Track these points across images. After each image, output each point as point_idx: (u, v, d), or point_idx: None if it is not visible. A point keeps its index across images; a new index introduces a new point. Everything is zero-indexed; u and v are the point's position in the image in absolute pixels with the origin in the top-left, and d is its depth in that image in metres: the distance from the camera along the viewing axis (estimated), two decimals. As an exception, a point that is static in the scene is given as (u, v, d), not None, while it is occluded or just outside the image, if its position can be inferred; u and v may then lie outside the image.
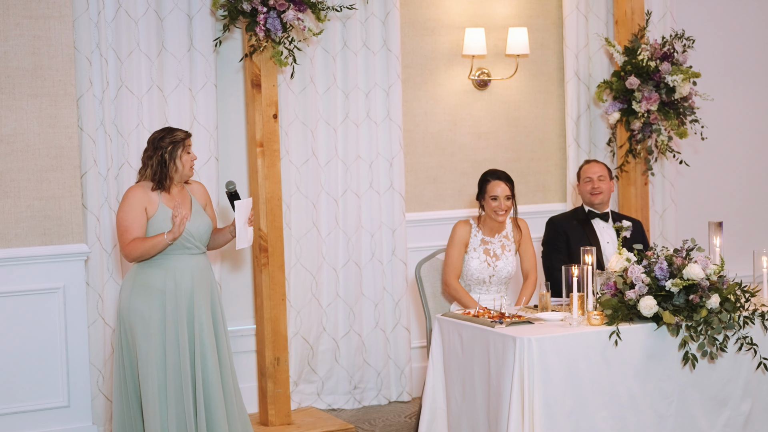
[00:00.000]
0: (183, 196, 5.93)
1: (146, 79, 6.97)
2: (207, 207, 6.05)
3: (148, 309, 5.77)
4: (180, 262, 5.84)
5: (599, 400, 5.59)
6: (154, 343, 5.76)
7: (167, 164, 5.82)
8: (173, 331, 5.78)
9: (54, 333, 6.62)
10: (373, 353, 7.68)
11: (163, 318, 5.78)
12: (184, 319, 5.79)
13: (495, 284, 6.56)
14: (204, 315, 5.85)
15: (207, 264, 5.98)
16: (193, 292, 5.84)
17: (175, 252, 5.83)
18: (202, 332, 5.83)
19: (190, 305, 5.83)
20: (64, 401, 6.66)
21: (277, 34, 6.71)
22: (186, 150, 5.85)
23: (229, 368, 5.97)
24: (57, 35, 6.56)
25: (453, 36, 8.02)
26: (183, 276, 5.83)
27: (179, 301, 5.79)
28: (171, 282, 5.80)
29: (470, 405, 5.80)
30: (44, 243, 6.57)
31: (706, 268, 5.70)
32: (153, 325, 5.76)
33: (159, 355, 5.76)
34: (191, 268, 5.87)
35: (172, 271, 5.82)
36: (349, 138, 7.56)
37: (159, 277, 5.81)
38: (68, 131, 6.60)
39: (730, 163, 9.05)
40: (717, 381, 5.86)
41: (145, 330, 5.77)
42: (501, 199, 6.48)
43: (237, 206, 5.88)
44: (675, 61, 7.90)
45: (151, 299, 5.78)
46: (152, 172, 5.83)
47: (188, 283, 5.83)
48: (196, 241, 5.88)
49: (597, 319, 5.66)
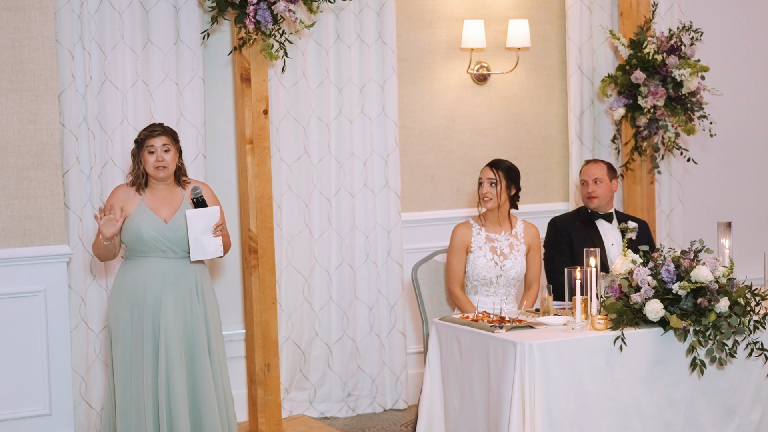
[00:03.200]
0: (172, 197, 5.95)
1: (131, 74, 6.98)
2: None
3: (121, 312, 5.86)
4: (152, 266, 5.89)
5: (603, 408, 5.61)
6: (121, 348, 5.84)
7: (135, 161, 5.98)
8: (139, 337, 5.84)
9: (35, 338, 6.62)
10: (367, 359, 7.69)
11: (131, 322, 5.85)
12: (150, 325, 5.83)
13: (503, 285, 6.57)
14: (172, 322, 5.86)
15: (187, 269, 5.97)
16: (161, 297, 5.86)
17: (148, 255, 5.89)
18: (168, 340, 5.84)
19: (156, 311, 5.85)
20: (45, 409, 6.66)
21: (268, 26, 6.72)
22: (147, 150, 5.90)
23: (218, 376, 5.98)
24: (38, 27, 6.56)
25: (451, 28, 8.03)
26: (153, 280, 5.87)
27: (145, 307, 5.84)
28: (141, 286, 5.85)
29: (469, 413, 5.81)
30: (24, 244, 6.57)
31: (714, 271, 5.72)
32: (122, 328, 5.84)
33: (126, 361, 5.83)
34: (163, 272, 5.89)
35: (143, 275, 5.88)
36: (342, 135, 7.57)
37: (131, 280, 5.89)
38: (50, 128, 6.60)
39: (740, 161, 9.06)
40: (726, 388, 5.88)
41: (117, 334, 5.87)
42: (484, 183, 6.54)
43: (188, 215, 5.84)
44: (682, 54, 7.91)
45: (122, 304, 5.87)
46: (132, 170, 5.99)
47: (157, 288, 5.86)
48: (172, 245, 5.90)
49: (601, 323, 5.67)
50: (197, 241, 5.88)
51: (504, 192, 6.56)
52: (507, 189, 6.58)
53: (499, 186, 6.54)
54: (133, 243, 5.90)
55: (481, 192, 6.57)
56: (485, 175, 6.56)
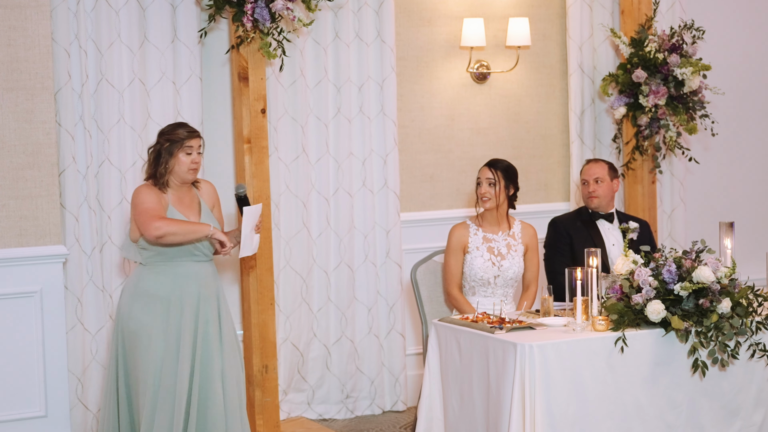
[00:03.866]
0: (191, 199, 5.95)
1: (128, 72, 6.97)
2: (214, 209, 6.07)
3: (149, 318, 5.80)
4: (186, 269, 5.87)
5: (604, 410, 5.61)
6: (153, 353, 5.78)
7: (161, 159, 5.87)
8: (175, 341, 5.80)
9: (30, 339, 6.61)
10: (366, 360, 7.68)
11: (164, 328, 5.80)
12: (189, 329, 5.80)
13: (500, 286, 6.58)
14: (211, 325, 5.87)
15: (213, 271, 6.01)
16: (199, 301, 5.86)
17: (180, 258, 5.85)
18: (206, 342, 5.84)
19: (196, 315, 5.84)
20: (41, 411, 6.65)
21: (266, 24, 6.72)
22: (185, 150, 5.86)
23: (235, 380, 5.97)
24: (34, 26, 6.55)
25: (450, 26, 8.02)
26: (189, 284, 5.85)
27: (185, 311, 5.81)
28: (177, 291, 5.82)
29: (468, 415, 5.81)
30: (20, 244, 6.57)
31: (716, 271, 5.72)
32: (153, 334, 5.79)
33: (157, 365, 5.78)
34: (197, 275, 5.89)
35: (177, 279, 5.84)
36: (341, 134, 7.57)
37: (163, 285, 5.83)
38: (45, 127, 6.60)
39: (742, 161, 9.06)
40: (728, 390, 5.88)
41: (145, 339, 5.79)
42: (483, 184, 6.56)
43: (245, 212, 5.88)
44: (684, 53, 7.91)
45: (153, 308, 5.81)
46: (149, 166, 5.91)
47: (194, 292, 5.85)
48: (202, 247, 5.90)
49: (602, 324, 5.68)
50: (247, 238, 5.92)
51: (503, 192, 6.57)
52: (506, 189, 6.58)
53: (497, 186, 6.54)
54: (165, 248, 5.85)
55: (480, 192, 6.57)
56: (483, 175, 6.57)
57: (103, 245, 6.94)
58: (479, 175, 6.60)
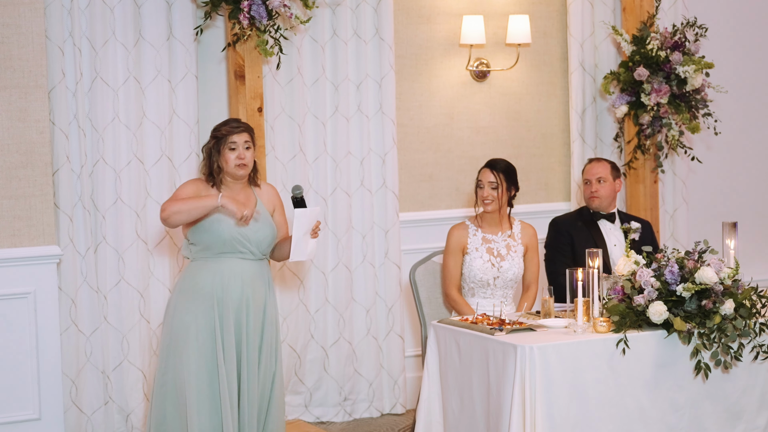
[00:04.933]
0: (246, 196, 5.94)
1: (122, 70, 6.97)
2: (276, 213, 6.06)
3: (190, 316, 5.79)
4: (231, 266, 5.84)
5: (606, 413, 5.61)
6: (195, 350, 5.77)
7: (212, 158, 5.90)
8: (221, 338, 5.79)
9: (24, 341, 6.61)
10: (364, 362, 7.68)
11: (209, 325, 5.79)
12: (232, 327, 5.79)
13: (500, 287, 6.58)
14: (252, 325, 5.86)
15: (262, 271, 5.97)
16: (241, 299, 5.84)
17: (226, 254, 5.84)
18: (248, 342, 5.84)
19: (238, 313, 5.83)
20: (34, 413, 6.65)
21: (262, 21, 6.72)
22: (228, 146, 5.86)
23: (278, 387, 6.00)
24: (27, 23, 6.55)
25: (450, 24, 8.02)
26: (232, 281, 5.83)
27: (226, 309, 5.80)
28: (218, 288, 5.80)
29: (468, 417, 5.81)
30: (13, 245, 6.56)
31: (719, 272, 5.72)
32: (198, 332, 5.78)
33: (200, 363, 5.77)
34: (242, 273, 5.86)
35: (220, 276, 5.82)
36: (338, 133, 7.56)
37: (207, 281, 5.82)
38: (39, 126, 6.59)
39: (746, 160, 9.06)
40: (731, 392, 5.88)
41: (186, 336, 5.79)
42: (485, 187, 6.55)
43: (296, 215, 5.84)
44: (687, 50, 7.91)
45: (197, 304, 5.80)
46: (204, 164, 5.93)
47: (237, 290, 5.83)
48: (252, 246, 5.87)
49: (603, 326, 5.67)
50: (299, 242, 5.88)
51: (505, 194, 6.57)
52: (507, 191, 6.58)
53: (500, 189, 6.54)
54: (211, 242, 5.83)
55: (482, 195, 6.57)
56: (486, 178, 6.56)
57: (98, 246, 6.94)
58: (480, 178, 6.59)
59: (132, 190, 6.99)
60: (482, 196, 6.57)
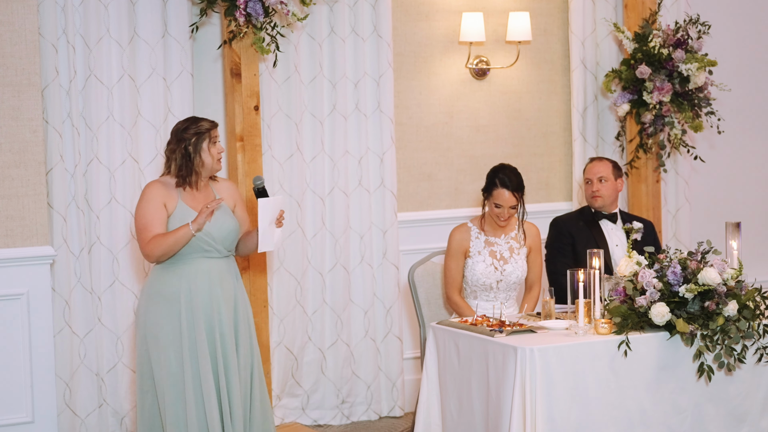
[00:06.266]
0: (207, 194, 5.94)
1: (117, 68, 6.97)
2: (236, 207, 6.06)
3: (163, 319, 5.80)
4: (196, 266, 5.85)
5: (607, 415, 5.61)
6: (167, 356, 5.78)
7: (192, 158, 5.85)
8: (191, 341, 5.79)
9: (17, 343, 6.61)
10: (362, 365, 7.68)
11: (178, 328, 5.80)
12: (202, 327, 5.79)
13: (503, 290, 6.57)
14: (225, 322, 5.86)
15: (230, 268, 5.98)
16: (210, 298, 5.84)
17: (191, 255, 5.84)
18: (223, 341, 5.84)
19: (208, 312, 5.83)
20: (27, 416, 6.65)
21: (259, 19, 6.72)
22: (212, 141, 5.87)
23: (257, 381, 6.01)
24: (20, 20, 6.55)
25: (449, 21, 8.02)
26: (200, 281, 5.83)
27: (195, 310, 5.80)
28: (186, 289, 5.81)
29: (467, 420, 5.81)
30: (6, 245, 6.56)
31: (722, 273, 5.72)
32: (168, 336, 5.79)
33: (175, 368, 5.78)
34: (209, 272, 5.86)
35: (186, 277, 5.83)
36: (336, 132, 7.56)
37: (174, 284, 5.82)
38: (32, 124, 6.59)
39: (749, 159, 9.06)
40: (734, 395, 5.88)
41: (160, 342, 5.80)
42: (505, 209, 6.47)
43: (259, 205, 5.86)
44: (689, 48, 7.91)
45: (167, 308, 5.81)
46: (177, 167, 5.87)
47: (205, 289, 5.83)
48: (216, 244, 5.88)
49: (605, 327, 5.68)
50: (265, 232, 5.89)
51: (520, 207, 6.53)
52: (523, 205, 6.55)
53: (519, 206, 6.49)
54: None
55: (500, 214, 6.44)
56: (506, 203, 6.45)
57: (92, 246, 6.94)
58: (500, 202, 6.45)
59: (127, 190, 6.99)
60: (501, 215, 6.46)
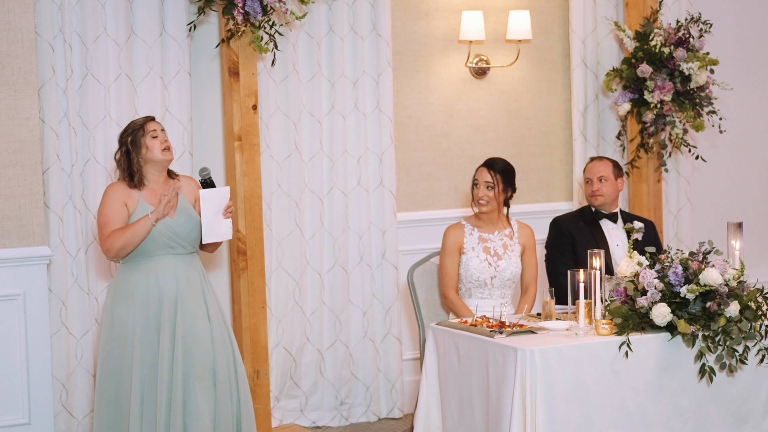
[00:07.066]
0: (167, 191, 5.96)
1: (114, 67, 6.97)
2: (197, 203, 6.07)
3: (128, 317, 5.83)
4: (163, 263, 5.89)
5: (608, 417, 5.61)
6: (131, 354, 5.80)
7: (131, 155, 5.92)
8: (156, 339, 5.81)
9: (13, 344, 6.60)
10: (361, 366, 7.68)
11: (144, 325, 5.82)
12: (169, 326, 5.81)
13: (497, 287, 6.58)
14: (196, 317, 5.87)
15: (195, 264, 6.02)
16: (177, 294, 5.87)
17: (157, 252, 5.88)
18: (185, 337, 5.84)
19: (174, 309, 5.85)
20: (24, 418, 6.65)
21: (257, 17, 6.72)
22: (149, 135, 5.90)
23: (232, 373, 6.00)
24: (16, 19, 6.55)
25: (449, 20, 8.02)
26: (166, 278, 5.87)
27: (163, 305, 5.83)
28: (153, 286, 5.85)
29: (467, 422, 5.81)
30: (2, 245, 6.56)
31: (724, 273, 5.72)
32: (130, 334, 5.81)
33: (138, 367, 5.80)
34: (175, 269, 5.91)
35: (154, 273, 5.87)
36: (335, 131, 7.56)
37: (139, 282, 5.86)
38: (29, 123, 6.59)
39: (751, 159, 9.06)
40: (736, 396, 5.88)
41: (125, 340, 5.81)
42: (481, 186, 6.57)
43: (201, 195, 5.92)
44: (691, 47, 7.92)
45: (132, 306, 5.84)
46: (122, 170, 5.95)
47: (172, 286, 5.87)
48: (181, 240, 5.92)
49: (606, 328, 5.67)
50: (210, 223, 5.95)
51: (501, 195, 6.58)
52: (504, 192, 6.59)
53: (495, 189, 6.55)
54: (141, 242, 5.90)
55: (477, 194, 6.58)
56: (482, 178, 6.58)
57: (89, 246, 6.94)
58: (477, 177, 6.61)
59: (124, 190, 6.99)
60: (477, 195, 6.58)
